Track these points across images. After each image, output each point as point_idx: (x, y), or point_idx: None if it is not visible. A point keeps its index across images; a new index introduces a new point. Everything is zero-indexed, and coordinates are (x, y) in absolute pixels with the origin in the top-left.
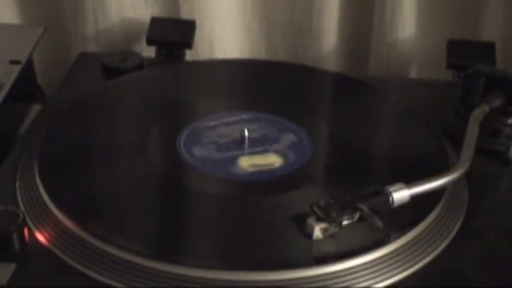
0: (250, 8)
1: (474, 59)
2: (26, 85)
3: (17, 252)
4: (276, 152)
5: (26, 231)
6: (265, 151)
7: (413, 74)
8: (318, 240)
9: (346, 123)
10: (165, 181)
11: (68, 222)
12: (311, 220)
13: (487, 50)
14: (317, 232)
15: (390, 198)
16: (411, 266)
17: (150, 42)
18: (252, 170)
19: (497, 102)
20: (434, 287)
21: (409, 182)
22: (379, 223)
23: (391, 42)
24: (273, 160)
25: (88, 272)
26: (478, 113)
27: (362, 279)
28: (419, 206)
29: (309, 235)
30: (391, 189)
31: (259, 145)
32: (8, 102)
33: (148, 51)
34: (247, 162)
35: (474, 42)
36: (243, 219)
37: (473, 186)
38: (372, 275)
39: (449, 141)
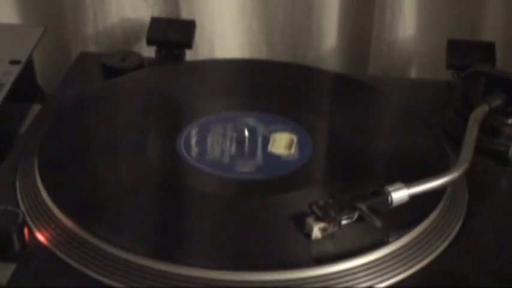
0: (250, 7)
1: (474, 59)
2: (26, 85)
3: (17, 252)
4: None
5: (26, 231)
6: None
7: (413, 74)
8: (317, 240)
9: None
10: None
11: (68, 222)
12: (310, 220)
13: (487, 50)
14: (316, 232)
15: (389, 198)
16: (411, 267)
17: (150, 42)
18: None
19: (497, 102)
20: (434, 287)
21: (409, 182)
22: (378, 223)
23: (391, 42)
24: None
25: (88, 271)
26: (478, 113)
27: (362, 279)
28: (420, 206)
29: (308, 235)
30: (390, 189)
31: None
32: (8, 102)
33: (148, 51)
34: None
35: (474, 42)
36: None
37: (473, 186)
38: (371, 276)
39: (449, 141)
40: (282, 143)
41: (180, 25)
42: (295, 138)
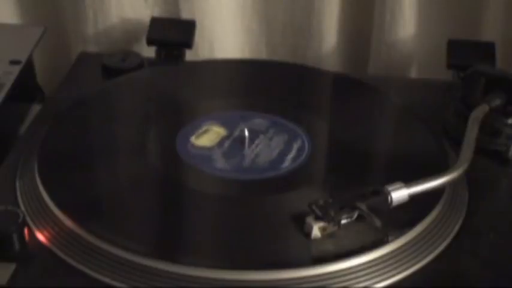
0: (250, 8)
1: (474, 59)
2: (26, 85)
3: (17, 252)
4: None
5: (26, 231)
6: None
7: (413, 74)
8: (317, 240)
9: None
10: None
11: (68, 222)
12: (310, 219)
13: (487, 50)
14: (315, 231)
15: (389, 198)
16: (411, 266)
17: (150, 42)
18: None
19: (497, 102)
20: (434, 287)
21: (409, 182)
22: (378, 222)
23: (391, 42)
24: (218, 132)
25: (88, 271)
26: (478, 113)
27: (361, 279)
28: (420, 205)
29: (308, 234)
30: (389, 188)
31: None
32: (8, 102)
33: (148, 51)
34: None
35: (474, 42)
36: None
37: (473, 186)
38: (371, 275)
39: (449, 141)
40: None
41: (180, 25)
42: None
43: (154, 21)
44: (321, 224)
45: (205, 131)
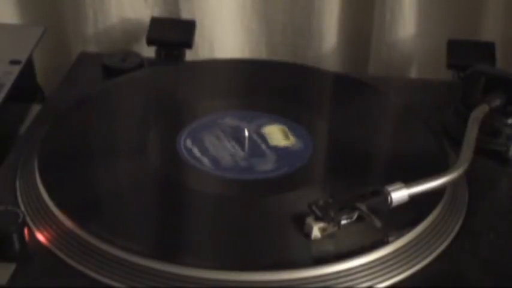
0: (250, 8)
1: (474, 59)
2: (26, 85)
3: (17, 252)
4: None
5: (26, 231)
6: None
7: (413, 74)
8: (317, 240)
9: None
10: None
11: (68, 222)
12: (310, 220)
13: (487, 50)
14: (315, 232)
15: (389, 198)
16: (411, 267)
17: (150, 42)
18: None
19: (497, 102)
20: (434, 287)
21: (409, 182)
22: (378, 223)
23: (391, 42)
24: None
25: (88, 272)
26: (478, 113)
27: (362, 279)
28: (420, 206)
29: (308, 235)
30: (389, 188)
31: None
32: (8, 102)
33: (148, 51)
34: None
35: (474, 42)
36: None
37: (473, 186)
38: (371, 276)
39: (449, 141)
40: (278, 135)
41: (180, 25)
42: (284, 127)
43: (154, 21)
44: (321, 224)
45: (279, 130)
